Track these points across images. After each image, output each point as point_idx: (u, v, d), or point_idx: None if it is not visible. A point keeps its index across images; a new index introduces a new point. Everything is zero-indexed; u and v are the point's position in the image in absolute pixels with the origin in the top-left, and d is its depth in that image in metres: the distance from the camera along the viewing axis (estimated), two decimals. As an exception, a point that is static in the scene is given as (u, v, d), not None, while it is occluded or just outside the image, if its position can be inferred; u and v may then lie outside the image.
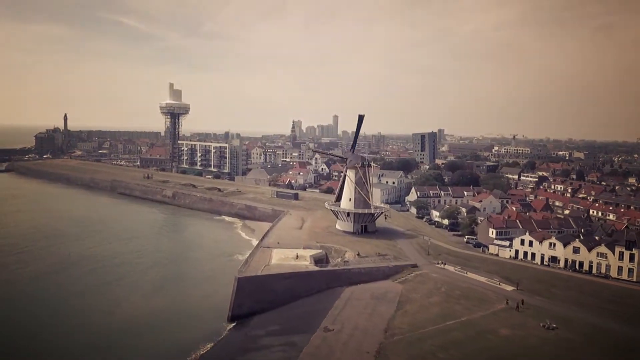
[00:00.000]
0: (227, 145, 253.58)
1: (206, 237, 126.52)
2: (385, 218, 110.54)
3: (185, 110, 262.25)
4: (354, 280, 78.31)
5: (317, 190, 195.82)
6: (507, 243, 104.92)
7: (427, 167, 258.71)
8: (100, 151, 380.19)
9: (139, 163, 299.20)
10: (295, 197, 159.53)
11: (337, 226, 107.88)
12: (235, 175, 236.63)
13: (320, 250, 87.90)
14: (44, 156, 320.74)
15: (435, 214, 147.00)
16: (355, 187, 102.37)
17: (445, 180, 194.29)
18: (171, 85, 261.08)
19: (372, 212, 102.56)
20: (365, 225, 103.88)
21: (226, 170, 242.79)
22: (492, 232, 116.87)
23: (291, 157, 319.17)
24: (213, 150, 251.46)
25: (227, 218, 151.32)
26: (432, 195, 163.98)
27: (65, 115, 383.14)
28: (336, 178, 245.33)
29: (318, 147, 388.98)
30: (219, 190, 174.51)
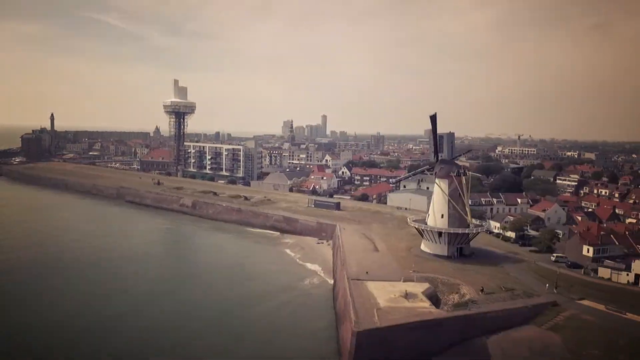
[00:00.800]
0: (240, 147, 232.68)
1: (251, 259, 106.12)
2: None
3: (191, 109, 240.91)
4: (489, 327, 60.33)
5: (348, 197, 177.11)
6: (622, 265, 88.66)
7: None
8: (91, 153, 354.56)
9: (138, 166, 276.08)
10: (337, 207, 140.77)
11: (423, 247, 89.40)
12: (250, 179, 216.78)
13: (429, 285, 69.70)
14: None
15: (494, 225, 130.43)
16: (449, 201, 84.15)
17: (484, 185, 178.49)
18: (176, 82, 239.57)
19: (469, 231, 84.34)
20: (460, 247, 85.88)
21: (240, 174, 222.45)
22: (589, 250, 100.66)
23: (298, 159, 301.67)
24: (225, 153, 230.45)
25: (260, 231, 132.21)
26: (484, 203, 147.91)
27: (52, 115, 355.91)
28: (358, 182, 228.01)
29: (318, 148, 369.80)
30: (246, 198, 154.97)
